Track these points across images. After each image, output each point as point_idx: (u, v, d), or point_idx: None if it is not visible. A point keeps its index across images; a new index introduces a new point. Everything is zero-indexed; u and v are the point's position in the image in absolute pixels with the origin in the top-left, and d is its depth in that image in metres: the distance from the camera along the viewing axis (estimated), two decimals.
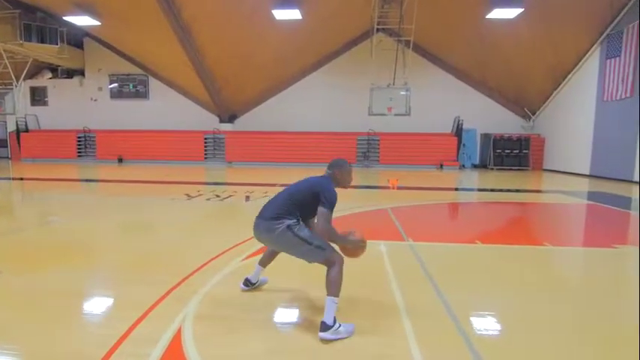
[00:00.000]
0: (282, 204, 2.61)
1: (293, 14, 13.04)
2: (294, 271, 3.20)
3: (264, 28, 14.47)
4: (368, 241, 2.80)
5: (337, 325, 2.37)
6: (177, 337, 2.31)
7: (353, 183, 2.91)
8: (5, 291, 3.09)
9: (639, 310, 2.77)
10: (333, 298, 2.42)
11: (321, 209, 2.51)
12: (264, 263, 3.09)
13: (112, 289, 3.22)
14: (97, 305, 2.89)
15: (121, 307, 2.82)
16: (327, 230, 2.51)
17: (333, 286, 2.44)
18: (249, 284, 3.09)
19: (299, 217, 2.60)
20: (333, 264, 2.48)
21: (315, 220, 2.61)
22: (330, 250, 2.53)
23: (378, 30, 14.79)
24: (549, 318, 2.72)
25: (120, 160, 18.48)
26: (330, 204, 2.52)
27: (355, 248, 2.69)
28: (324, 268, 2.53)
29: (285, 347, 2.29)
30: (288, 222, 2.53)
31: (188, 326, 2.45)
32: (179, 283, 3.16)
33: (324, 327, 2.35)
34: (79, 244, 4.62)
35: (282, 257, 2.94)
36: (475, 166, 18.08)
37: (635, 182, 11.33)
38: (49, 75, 19.69)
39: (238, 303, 2.86)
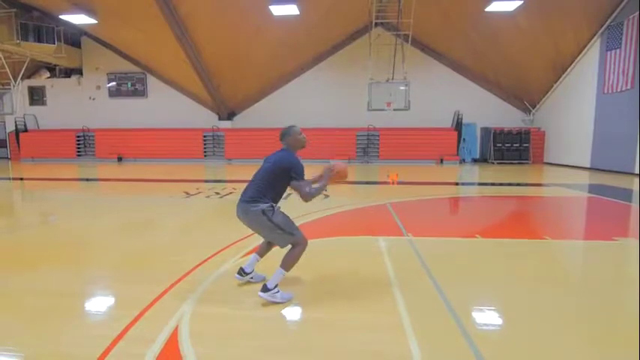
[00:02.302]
0: (257, 186, 2.84)
1: (291, 10, 12.94)
2: (293, 269, 3.18)
3: (261, 25, 14.38)
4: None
5: (276, 290, 2.74)
6: (173, 336, 2.29)
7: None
8: (0, 291, 3.07)
9: (639, 304, 2.75)
10: (283, 271, 2.78)
11: (295, 183, 2.78)
12: (261, 253, 3.16)
13: (109, 288, 3.20)
14: (93, 304, 2.88)
15: (117, 306, 2.81)
16: (309, 195, 2.79)
17: (289, 263, 2.79)
18: (243, 274, 3.12)
19: (272, 199, 2.82)
20: (298, 245, 2.81)
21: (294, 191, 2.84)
22: (298, 235, 2.82)
23: (376, 24, 14.69)
24: (550, 311, 2.70)
25: (119, 159, 18.45)
26: (301, 176, 2.79)
27: (336, 181, 2.98)
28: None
29: (283, 345, 2.27)
30: (262, 206, 2.77)
31: (185, 325, 2.43)
32: (177, 282, 3.14)
33: (265, 289, 2.74)
34: (77, 243, 4.60)
35: (280, 254, 2.92)
36: (475, 161, 18.02)
37: (636, 174, 11.28)
38: (47, 74, 19.63)
39: (236, 301, 2.84)
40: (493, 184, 10.54)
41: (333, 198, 7.46)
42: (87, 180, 12.17)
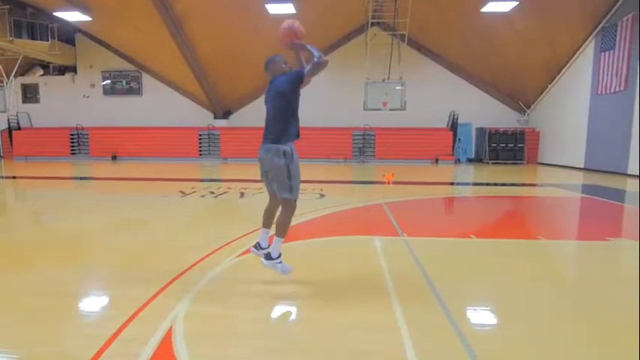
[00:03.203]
0: (276, 126, 2.93)
1: (287, 8, 12.91)
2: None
3: (257, 23, 14.34)
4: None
5: (279, 260, 2.94)
6: (167, 337, 2.28)
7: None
8: None
9: (639, 304, 2.76)
10: (279, 238, 2.95)
11: (307, 73, 2.83)
12: (267, 224, 3.24)
13: (102, 288, 3.18)
14: (86, 305, 2.85)
15: (110, 307, 2.78)
16: (319, 60, 2.80)
17: (282, 229, 2.94)
18: (259, 248, 3.22)
19: (295, 133, 2.94)
20: (288, 207, 2.94)
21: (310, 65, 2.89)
22: (294, 196, 2.94)
23: (372, 24, 14.71)
24: (544, 311, 2.71)
25: (114, 158, 18.33)
26: (301, 71, 2.86)
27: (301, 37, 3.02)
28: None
29: (279, 345, 2.27)
30: (284, 147, 2.88)
31: (179, 325, 2.42)
32: (171, 282, 3.12)
33: (268, 257, 2.96)
34: (70, 242, 4.56)
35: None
36: (470, 161, 18.11)
37: (630, 175, 11.38)
38: (41, 72, 19.45)
39: (231, 301, 2.82)
40: (488, 184, 10.60)
41: (329, 197, 7.46)
42: (81, 179, 12.07)
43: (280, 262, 2.92)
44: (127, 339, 2.27)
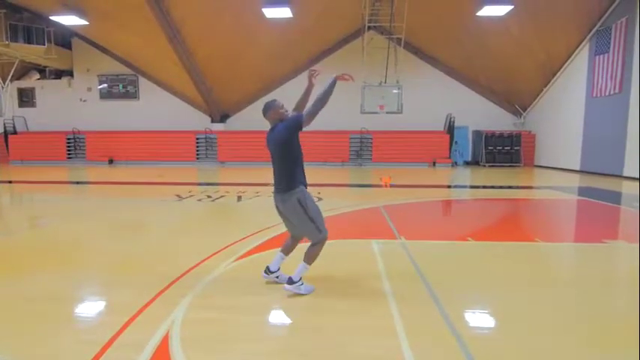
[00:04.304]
0: (284, 174, 2.94)
1: (284, 12, 12.94)
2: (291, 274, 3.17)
3: (254, 27, 14.37)
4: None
5: (300, 282, 2.94)
6: (164, 342, 2.26)
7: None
8: None
9: (639, 305, 2.77)
10: (306, 265, 2.96)
11: (306, 118, 2.92)
12: (286, 251, 3.22)
13: (99, 293, 3.16)
14: (82, 310, 2.83)
15: (107, 312, 2.77)
16: (316, 108, 3.01)
17: (311, 258, 2.96)
18: (268, 272, 3.18)
19: (303, 175, 2.96)
20: (318, 242, 2.94)
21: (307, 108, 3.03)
22: (323, 233, 2.94)
23: (369, 28, 14.77)
24: (541, 313, 2.72)
25: (110, 162, 18.27)
26: (297, 119, 2.92)
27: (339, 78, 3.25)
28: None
29: (276, 349, 2.26)
30: (297, 195, 2.88)
31: (176, 331, 2.40)
32: (168, 286, 3.11)
33: (290, 281, 2.93)
34: (67, 246, 4.53)
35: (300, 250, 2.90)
36: (467, 163, 18.16)
37: (626, 177, 11.44)
38: (37, 76, 19.37)
39: (229, 305, 2.81)
40: (485, 187, 10.62)
41: (327, 200, 7.46)
42: (77, 183, 12.02)
43: (302, 284, 2.94)
44: (123, 344, 2.25)
